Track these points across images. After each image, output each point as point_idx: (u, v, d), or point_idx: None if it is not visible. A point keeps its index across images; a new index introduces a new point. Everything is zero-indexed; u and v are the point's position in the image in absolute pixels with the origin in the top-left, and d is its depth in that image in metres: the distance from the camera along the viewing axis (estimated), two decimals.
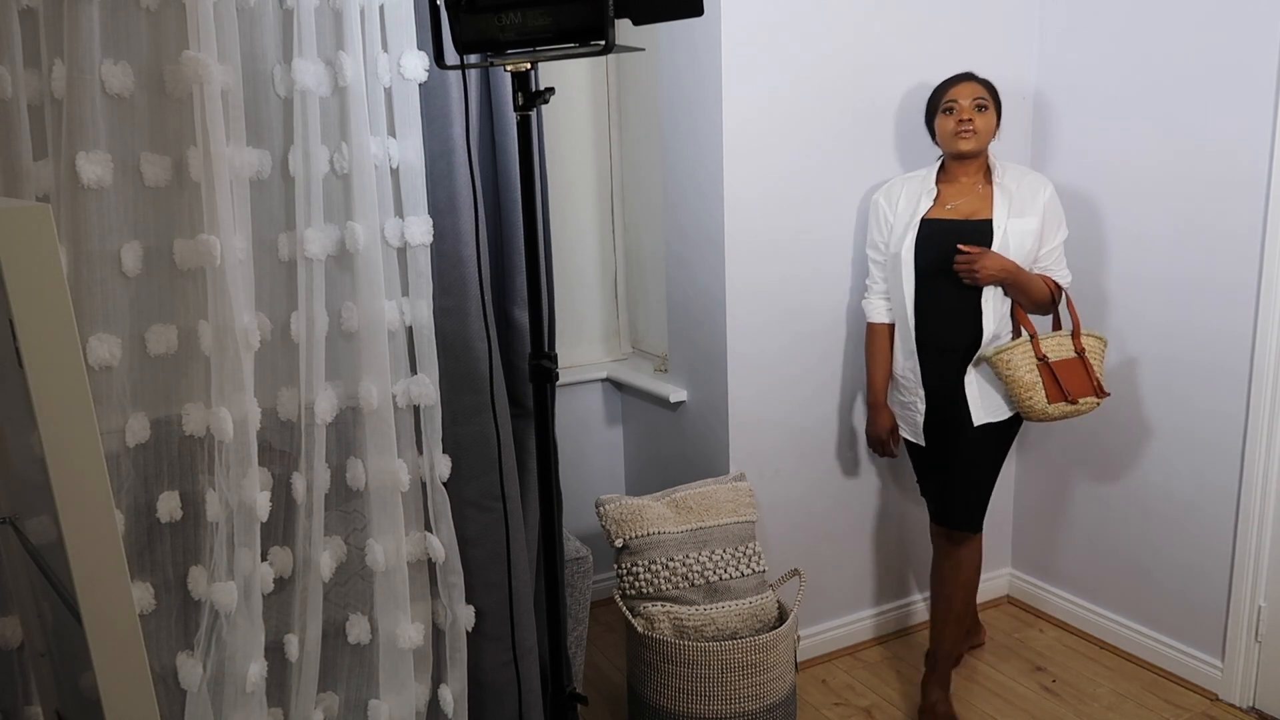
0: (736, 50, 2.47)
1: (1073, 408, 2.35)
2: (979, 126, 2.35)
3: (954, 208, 2.42)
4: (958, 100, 2.37)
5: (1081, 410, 2.36)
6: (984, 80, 2.41)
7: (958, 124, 2.35)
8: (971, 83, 2.39)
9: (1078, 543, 2.99)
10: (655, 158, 2.99)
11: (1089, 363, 2.36)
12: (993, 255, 2.31)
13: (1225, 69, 2.42)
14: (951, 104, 2.38)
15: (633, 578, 2.35)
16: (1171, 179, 2.57)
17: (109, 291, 1.68)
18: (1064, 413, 2.36)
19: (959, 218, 2.40)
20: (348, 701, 2.05)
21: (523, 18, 1.45)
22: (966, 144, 2.36)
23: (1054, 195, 2.39)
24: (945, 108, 2.39)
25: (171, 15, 1.67)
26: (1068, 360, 2.35)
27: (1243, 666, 2.57)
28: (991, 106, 2.38)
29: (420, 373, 1.99)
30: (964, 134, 2.35)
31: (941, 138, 2.43)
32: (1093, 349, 2.39)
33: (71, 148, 1.61)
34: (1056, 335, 2.38)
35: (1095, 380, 2.36)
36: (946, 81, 2.43)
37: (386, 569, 1.99)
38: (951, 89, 2.39)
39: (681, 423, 2.91)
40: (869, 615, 3.00)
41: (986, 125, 2.37)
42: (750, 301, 2.62)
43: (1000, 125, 2.42)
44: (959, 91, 2.38)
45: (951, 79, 2.42)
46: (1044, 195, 2.38)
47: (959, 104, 2.36)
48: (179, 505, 1.79)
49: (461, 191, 1.95)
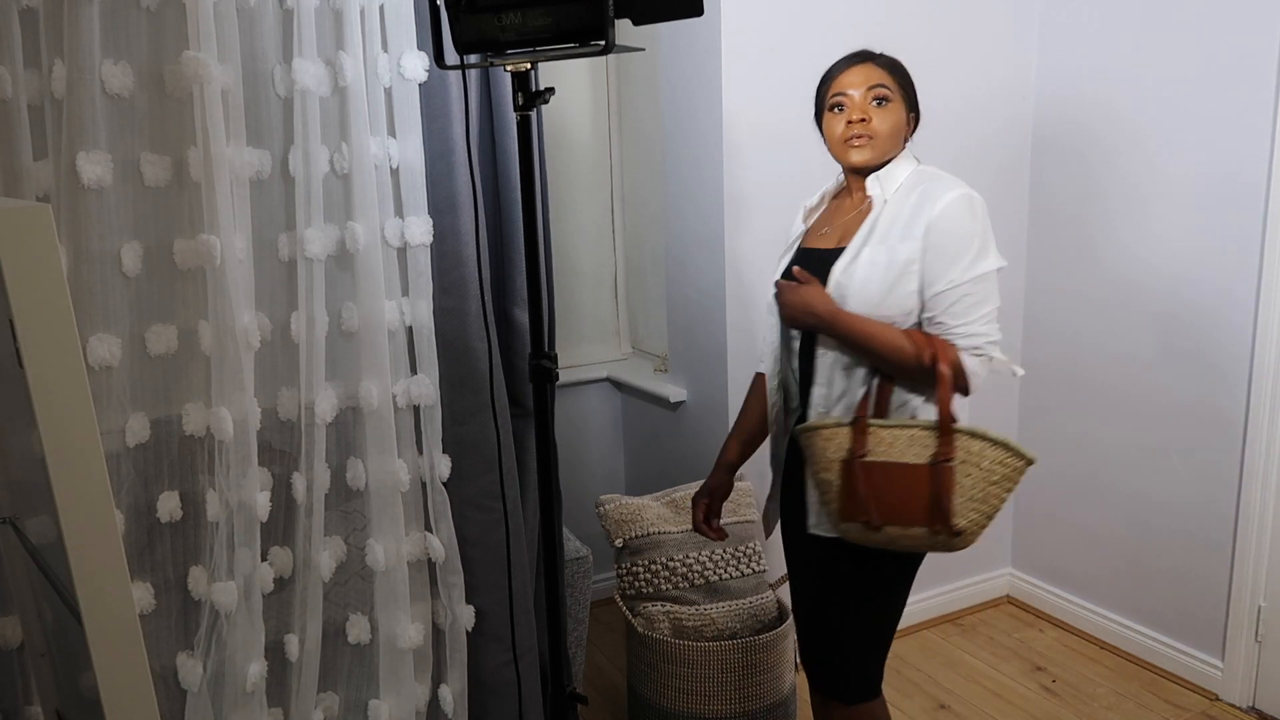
0: (736, 50, 2.47)
1: (874, 535, 1.58)
2: (877, 128, 1.65)
3: (828, 232, 1.75)
4: (847, 92, 1.67)
5: (898, 543, 1.59)
6: (887, 59, 1.70)
7: (846, 126, 1.67)
8: (867, 65, 1.68)
9: (1078, 543, 2.99)
10: (655, 158, 2.99)
11: (947, 477, 1.53)
12: (809, 289, 1.65)
13: (1225, 69, 2.42)
14: (840, 98, 1.68)
15: (633, 578, 2.35)
16: (1171, 179, 2.57)
17: (109, 291, 1.68)
18: (862, 539, 1.61)
19: (826, 246, 1.73)
20: (348, 701, 2.05)
21: (523, 18, 1.45)
22: (860, 154, 1.67)
23: (957, 213, 1.59)
24: (833, 103, 1.69)
25: (171, 15, 1.67)
26: (902, 467, 1.55)
27: (1243, 666, 2.57)
28: (898, 97, 1.67)
29: (420, 373, 1.99)
30: (856, 141, 1.66)
31: (830, 145, 1.73)
32: (975, 460, 1.53)
33: (71, 148, 1.61)
34: (915, 428, 1.57)
35: (934, 502, 1.53)
36: (833, 66, 1.72)
37: (386, 569, 1.99)
38: (838, 77, 1.69)
39: (681, 423, 2.91)
40: None
41: (890, 125, 1.66)
42: (750, 301, 2.62)
43: (918, 121, 1.73)
44: (849, 79, 1.67)
45: (839, 62, 1.72)
46: (932, 211, 1.59)
47: (849, 97, 1.67)
48: (179, 505, 1.79)
49: (461, 191, 1.95)
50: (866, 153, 1.67)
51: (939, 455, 1.54)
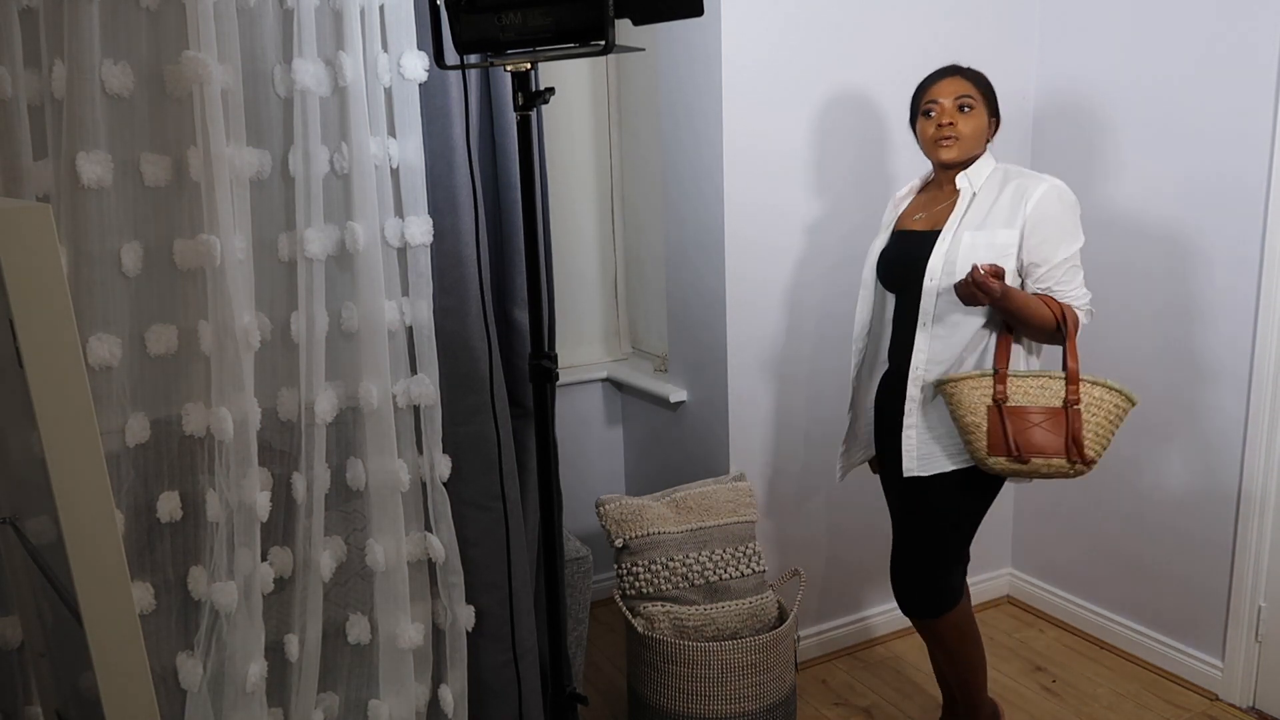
0: (736, 50, 2.47)
1: (1021, 466, 1.94)
2: (963, 130, 1.99)
3: (922, 218, 2.10)
4: (938, 100, 2.01)
5: (1040, 472, 1.95)
6: (972, 73, 2.04)
7: (937, 129, 2.01)
8: (955, 79, 2.02)
9: (1078, 543, 2.99)
10: (655, 158, 2.99)
11: (1076, 417, 1.92)
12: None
13: (1225, 70, 2.42)
14: (931, 105, 2.02)
15: (633, 578, 2.35)
16: (1171, 179, 2.57)
17: (109, 291, 1.68)
18: (1009, 469, 1.95)
19: (920, 229, 2.08)
20: (348, 701, 2.05)
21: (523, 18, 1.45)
22: (949, 153, 2.01)
23: (1051, 203, 1.96)
24: (925, 109, 2.04)
25: (171, 15, 1.67)
26: (1040, 409, 1.93)
27: (1243, 666, 2.57)
28: (980, 104, 2.01)
29: (420, 373, 1.99)
30: (945, 141, 2.00)
31: (923, 144, 2.07)
32: (1098, 403, 1.93)
33: (71, 148, 1.61)
34: (1044, 376, 1.95)
35: (1073, 440, 1.91)
36: (927, 78, 2.07)
37: (386, 569, 1.99)
38: (931, 87, 2.04)
39: (681, 423, 2.91)
40: (869, 615, 3.00)
41: (973, 128, 2.00)
42: (750, 301, 2.62)
43: (998, 125, 2.09)
44: (940, 89, 2.02)
45: (932, 75, 2.07)
46: (1030, 203, 1.95)
47: (940, 104, 2.01)
48: (179, 505, 1.79)
49: (461, 191, 1.95)
50: (953, 151, 2.01)
51: (1069, 399, 1.92)
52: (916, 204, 2.16)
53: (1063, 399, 1.92)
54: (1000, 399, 1.93)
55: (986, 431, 1.93)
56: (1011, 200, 1.98)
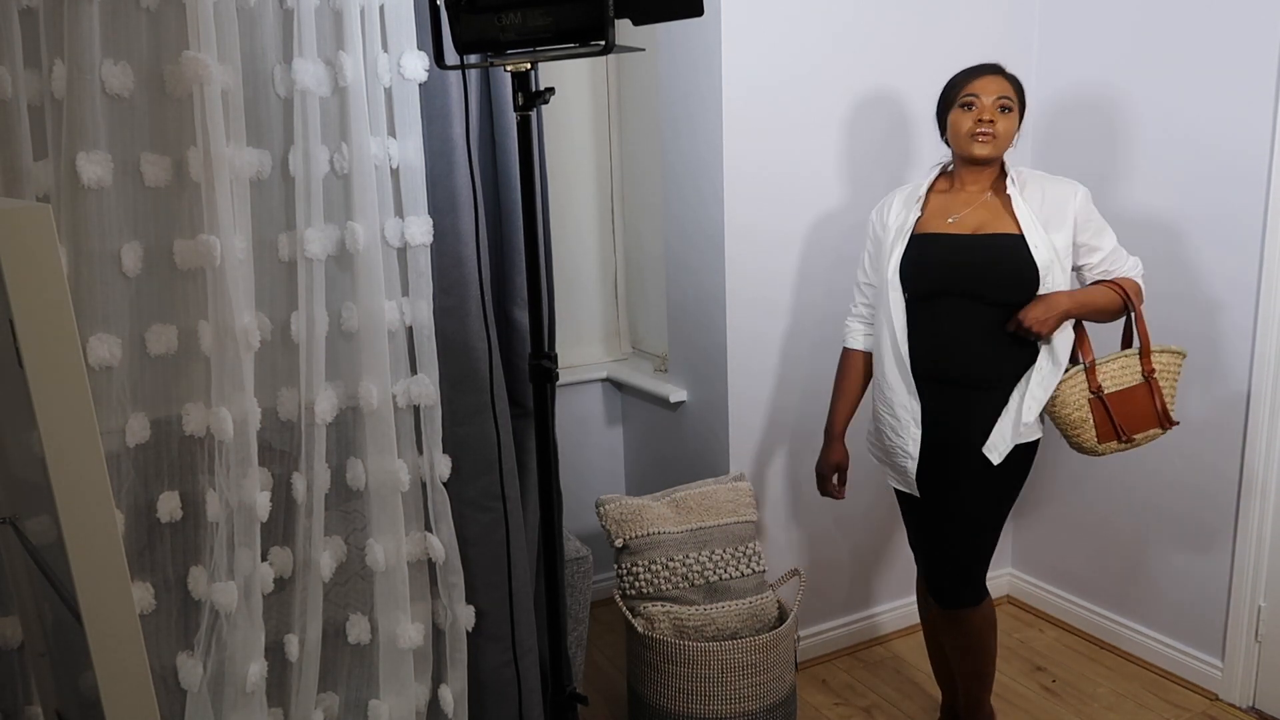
0: (736, 50, 2.47)
1: (1129, 446, 2.09)
2: (1000, 130, 2.00)
3: (957, 220, 2.08)
4: (979, 96, 2.00)
5: (1139, 444, 2.10)
6: (1012, 77, 2.05)
7: (976, 123, 2.00)
8: (998, 77, 2.02)
9: (1078, 543, 2.99)
10: (655, 158, 2.99)
11: (1157, 386, 2.06)
12: (1047, 300, 1.98)
13: (1225, 70, 2.42)
14: (971, 99, 2.01)
15: (633, 578, 2.35)
16: (1171, 179, 2.57)
17: (109, 291, 1.68)
18: (1117, 450, 2.10)
19: (965, 232, 2.06)
20: (348, 701, 2.05)
21: (523, 18, 1.45)
22: (983, 149, 2.00)
23: (1085, 201, 2.05)
24: (964, 102, 2.02)
25: (171, 15, 1.67)
26: (1130, 389, 2.06)
27: (1243, 666, 2.57)
28: (1016, 108, 2.03)
29: (420, 373, 1.99)
30: (982, 136, 2.00)
31: (954, 136, 2.05)
32: (1165, 367, 2.08)
33: (71, 148, 1.61)
34: (1121, 357, 2.06)
35: (1161, 407, 2.06)
36: (968, 71, 2.05)
37: (386, 569, 1.99)
38: (973, 81, 2.02)
39: (681, 423, 2.91)
40: (869, 615, 3.00)
41: (1008, 129, 2.02)
42: (750, 301, 2.62)
43: (1021, 131, 2.08)
44: (982, 86, 2.01)
45: (974, 69, 2.05)
46: (1074, 204, 2.03)
47: (980, 101, 2.00)
48: (179, 505, 1.79)
49: (461, 191, 1.95)
50: (989, 148, 2.01)
51: (1146, 370, 2.06)
52: (938, 206, 2.12)
53: (1140, 373, 2.06)
54: (1096, 390, 2.04)
55: (1094, 424, 2.05)
56: (1055, 204, 2.04)
